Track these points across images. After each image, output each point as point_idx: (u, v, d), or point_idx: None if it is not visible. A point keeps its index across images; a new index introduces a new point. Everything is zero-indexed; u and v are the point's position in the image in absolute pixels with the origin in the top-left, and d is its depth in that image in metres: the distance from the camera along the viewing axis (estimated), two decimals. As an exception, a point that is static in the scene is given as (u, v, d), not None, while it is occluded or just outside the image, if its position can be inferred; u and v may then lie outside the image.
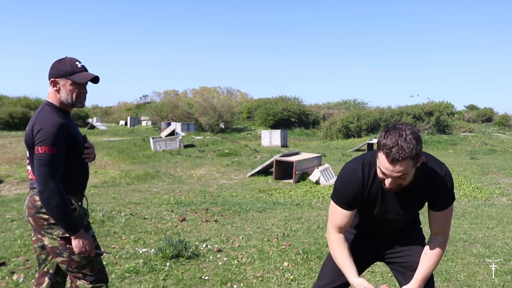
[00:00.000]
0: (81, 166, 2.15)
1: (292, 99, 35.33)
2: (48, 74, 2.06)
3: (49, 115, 1.99)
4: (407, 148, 1.55)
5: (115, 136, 23.65)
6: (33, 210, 2.04)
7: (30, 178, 2.13)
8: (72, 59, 2.07)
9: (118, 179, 11.12)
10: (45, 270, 2.21)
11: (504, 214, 6.72)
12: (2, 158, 14.00)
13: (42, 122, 1.96)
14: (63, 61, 2.06)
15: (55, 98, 2.07)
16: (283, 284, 3.37)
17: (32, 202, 2.05)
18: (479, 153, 19.46)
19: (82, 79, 2.04)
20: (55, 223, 2.01)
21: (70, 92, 2.04)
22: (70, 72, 2.03)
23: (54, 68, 2.05)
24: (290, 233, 4.99)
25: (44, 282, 2.19)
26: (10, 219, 5.24)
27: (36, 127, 1.96)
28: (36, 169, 1.94)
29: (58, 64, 2.05)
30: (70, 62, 2.05)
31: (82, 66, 2.07)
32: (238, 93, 61.13)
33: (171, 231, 4.86)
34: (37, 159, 1.93)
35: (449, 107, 32.00)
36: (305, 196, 8.85)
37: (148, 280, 3.33)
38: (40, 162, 1.92)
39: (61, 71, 2.03)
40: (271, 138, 21.73)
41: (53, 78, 2.04)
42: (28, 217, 2.08)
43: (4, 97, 36.71)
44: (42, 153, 1.92)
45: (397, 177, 1.62)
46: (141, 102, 55.09)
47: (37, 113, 2.03)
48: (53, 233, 2.03)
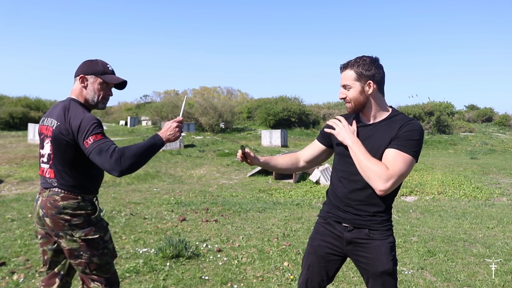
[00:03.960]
0: None
1: (292, 99, 35.27)
2: (77, 71, 2.08)
3: (80, 109, 1.99)
4: (353, 60, 1.82)
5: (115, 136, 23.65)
6: (54, 211, 1.95)
7: (46, 176, 2.02)
8: (104, 61, 2.12)
9: (118, 179, 11.12)
10: (56, 272, 2.16)
11: (504, 214, 6.72)
12: (2, 158, 13.99)
13: (79, 116, 1.93)
14: (96, 61, 2.10)
15: (80, 95, 2.07)
16: (283, 284, 3.37)
17: (51, 202, 1.96)
18: (479, 153, 19.46)
19: (113, 80, 2.09)
20: (77, 224, 1.96)
21: (98, 91, 2.07)
22: (102, 72, 2.07)
23: (86, 65, 2.08)
24: (290, 233, 4.99)
25: (55, 283, 2.15)
26: (10, 219, 5.24)
27: (74, 122, 1.90)
28: (97, 161, 1.85)
29: (90, 63, 2.09)
30: (103, 63, 2.10)
31: (112, 69, 2.13)
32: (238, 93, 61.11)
33: (171, 231, 4.86)
34: (91, 150, 1.84)
35: (449, 107, 32.00)
36: (305, 196, 8.86)
37: (148, 280, 3.33)
38: (95, 151, 1.84)
39: (93, 69, 2.06)
40: (271, 138, 21.72)
41: (83, 74, 2.05)
42: (44, 218, 1.98)
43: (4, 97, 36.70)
44: (92, 142, 1.85)
45: (343, 87, 1.85)
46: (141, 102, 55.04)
47: (67, 108, 1.98)
48: (74, 235, 1.96)
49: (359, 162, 1.77)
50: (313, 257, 1.99)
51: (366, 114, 1.88)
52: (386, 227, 1.86)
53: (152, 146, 1.94)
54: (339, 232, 1.92)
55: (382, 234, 1.85)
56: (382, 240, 1.84)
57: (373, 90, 1.81)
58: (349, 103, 1.85)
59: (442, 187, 9.80)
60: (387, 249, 1.82)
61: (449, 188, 9.71)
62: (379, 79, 1.81)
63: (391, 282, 1.84)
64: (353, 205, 1.87)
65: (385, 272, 1.82)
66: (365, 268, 1.87)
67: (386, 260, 1.81)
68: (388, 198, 1.84)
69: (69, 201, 1.97)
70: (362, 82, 1.80)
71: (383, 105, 1.87)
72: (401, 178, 1.72)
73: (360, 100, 1.83)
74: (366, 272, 1.87)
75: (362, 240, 1.86)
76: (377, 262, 1.82)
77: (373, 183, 1.73)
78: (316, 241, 2.00)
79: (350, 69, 1.81)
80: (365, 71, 1.79)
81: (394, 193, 1.85)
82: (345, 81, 1.83)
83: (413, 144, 1.74)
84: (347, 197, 1.89)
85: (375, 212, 1.84)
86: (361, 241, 1.86)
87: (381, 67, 1.83)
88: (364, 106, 1.85)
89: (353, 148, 1.80)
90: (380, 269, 1.81)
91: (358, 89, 1.81)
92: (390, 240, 1.86)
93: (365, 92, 1.81)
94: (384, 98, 1.89)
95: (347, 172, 1.90)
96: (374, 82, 1.80)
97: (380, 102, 1.86)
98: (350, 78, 1.81)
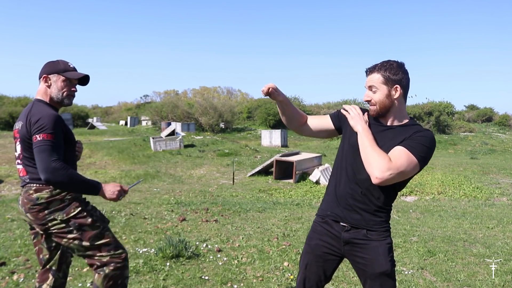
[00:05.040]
0: (73, 157, 2.21)
1: (292, 99, 35.29)
2: (40, 72, 2.16)
3: (43, 108, 2.05)
4: (379, 64, 1.83)
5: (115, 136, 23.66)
6: (29, 204, 2.04)
7: (21, 175, 2.13)
8: (65, 60, 2.20)
9: (118, 179, 11.12)
10: (48, 267, 2.22)
11: (504, 214, 6.72)
12: (2, 158, 13.99)
13: (39, 113, 1.99)
14: (57, 61, 2.18)
15: (45, 95, 2.14)
16: (283, 284, 3.37)
17: (27, 197, 2.05)
18: (479, 153, 19.47)
19: (74, 75, 2.16)
20: (55, 208, 2.03)
21: (61, 88, 2.14)
22: (63, 70, 2.15)
23: (47, 66, 2.16)
24: (290, 233, 4.99)
25: (48, 278, 2.21)
26: (10, 219, 5.24)
27: (32, 119, 1.98)
28: (37, 157, 1.92)
29: (52, 63, 2.16)
30: (63, 62, 2.18)
31: (73, 67, 2.20)
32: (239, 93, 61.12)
33: (171, 231, 4.86)
34: (37, 146, 1.91)
35: (449, 107, 32.01)
36: (305, 196, 8.86)
37: (148, 280, 3.33)
38: (40, 148, 1.91)
39: (54, 68, 2.14)
40: (271, 138, 21.72)
41: (45, 74, 2.13)
42: (26, 214, 2.07)
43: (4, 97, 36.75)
44: (40, 140, 1.92)
45: (369, 89, 1.84)
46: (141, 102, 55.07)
47: (30, 108, 2.07)
48: (57, 218, 2.03)
49: (364, 147, 1.77)
50: (311, 256, 1.99)
51: (386, 118, 1.87)
52: (384, 228, 1.86)
53: (90, 185, 2.03)
54: (336, 231, 1.91)
55: (380, 235, 1.84)
56: (380, 241, 1.83)
57: (399, 95, 1.81)
58: (374, 105, 1.84)
59: (442, 187, 9.80)
60: (385, 250, 1.82)
61: (449, 188, 9.71)
62: (405, 84, 1.81)
63: (390, 283, 1.83)
64: (352, 204, 1.87)
65: (383, 273, 1.81)
66: (363, 269, 1.86)
67: (384, 261, 1.81)
68: (387, 199, 1.84)
69: (42, 192, 2.04)
70: (389, 86, 1.80)
71: (404, 112, 1.87)
72: (400, 174, 1.70)
73: (385, 104, 1.82)
74: (364, 273, 1.87)
75: (359, 241, 1.85)
76: (375, 263, 1.82)
77: (371, 170, 1.72)
78: (313, 240, 1.99)
79: (377, 73, 1.81)
80: (393, 75, 1.79)
81: (393, 195, 1.85)
82: (372, 83, 1.82)
83: (422, 149, 1.73)
84: (346, 196, 1.89)
85: (374, 212, 1.84)
86: (359, 241, 1.85)
87: (407, 72, 1.83)
88: (388, 110, 1.84)
89: (362, 134, 1.81)
90: (378, 270, 1.81)
91: (384, 92, 1.80)
92: (388, 241, 1.85)
93: (391, 96, 1.81)
94: (405, 105, 1.89)
95: (349, 171, 1.90)
96: (400, 86, 1.80)
97: (402, 107, 1.85)
98: (377, 81, 1.81)
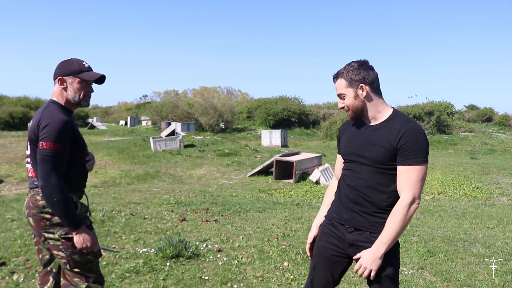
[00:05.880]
0: (83, 164, 2.16)
1: (292, 99, 35.26)
2: (54, 73, 2.09)
3: (55, 112, 2.00)
4: (342, 69, 1.87)
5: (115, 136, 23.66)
6: (35, 210, 2.01)
7: (30, 176, 2.10)
8: (79, 59, 2.12)
9: (118, 179, 11.13)
10: (49, 269, 2.21)
11: (504, 214, 6.72)
12: (2, 158, 14.00)
13: (48, 118, 1.95)
14: (71, 61, 2.10)
15: (61, 97, 2.08)
16: (283, 284, 3.37)
17: (33, 202, 2.03)
18: (479, 153, 19.46)
19: (90, 77, 2.09)
20: (57, 223, 2.00)
21: (78, 90, 2.08)
22: (78, 71, 2.07)
23: (62, 67, 2.08)
24: (290, 233, 4.99)
25: (49, 281, 2.19)
26: (10, 219, 5.24)
27: (42, 123, 1.95)
28: (39, 165, 1.92)
29: (66, 64, 2.09)
30: (78, 62, 2.10)
31: (89, 66, 2.13)
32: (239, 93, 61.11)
33: (171, 231, 4.86)
34: (41, 154, 1.91)
35: (449, 107, 31.99)
36: (305, 196, 8.86)
37: (148, 280, 3.33)
38: (43, 157, 1.90)
39: (69, 69, 2.07)
40: (271, 138, 21.72)
41: (60, 76, 2.06)
42: (28, 217, 2.06)
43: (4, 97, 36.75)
44: (46, 149, 1.90)
45: (339, 97, 1.90)
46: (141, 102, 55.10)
47: (43, 110, 2.03)
48: (56, 233, 2.01)
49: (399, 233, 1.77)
50: (318, 258, 2.01)
51: (366, 116, 1.90)
52: None
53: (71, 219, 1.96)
54: (341, 233, 1.93)
55: None
56: None
57: (366, 92, 1.83)
58: (348, 111, 1.89)
59: (442, 187, 9.80)
60: (388, 253, 1.82)
61: (449, 188, 9.71)
62: (370, 80, 1.83)
63: (392, 287, 1.84)
64: (352, 207, 1.88)
65: (386, 277, 1.82)
66: None
67: (387, 264, 1.81)
68: (388, 201, 1.84)
69: None
70: (354, 87, 1.83)
71: (381, 105, 1.88)
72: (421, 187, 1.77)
73: (357, 105, 1.85)
74: (367, 276, 1.87)
75: (363, 243, 1.86)
76: None
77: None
78: (321, 242, 2.02)
79: (341, 78, 1.86)
80: (355, 76, 1.82)
81: (394, 196, 1.85)
82: (339, 90, 1.87)
83: (420, 151, 1.74)
84: (347, 200, 1.91)
85: (375, 214, 1.84)
86: (362, 244, 1.86)
87: (370, 68, 1.85)
88: (363, 110, 1.87)
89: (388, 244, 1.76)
90: (381, 273, 1.81)
91: (352, 95, 1.84)
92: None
93: (359, 96, 1.84)
94: (381, 98, 1.89)
95: (347, 175, 1.93)
96: (365, 84, 1.82)
97: (377, 102, 1.87)
98: (342, 86, 1.86)
